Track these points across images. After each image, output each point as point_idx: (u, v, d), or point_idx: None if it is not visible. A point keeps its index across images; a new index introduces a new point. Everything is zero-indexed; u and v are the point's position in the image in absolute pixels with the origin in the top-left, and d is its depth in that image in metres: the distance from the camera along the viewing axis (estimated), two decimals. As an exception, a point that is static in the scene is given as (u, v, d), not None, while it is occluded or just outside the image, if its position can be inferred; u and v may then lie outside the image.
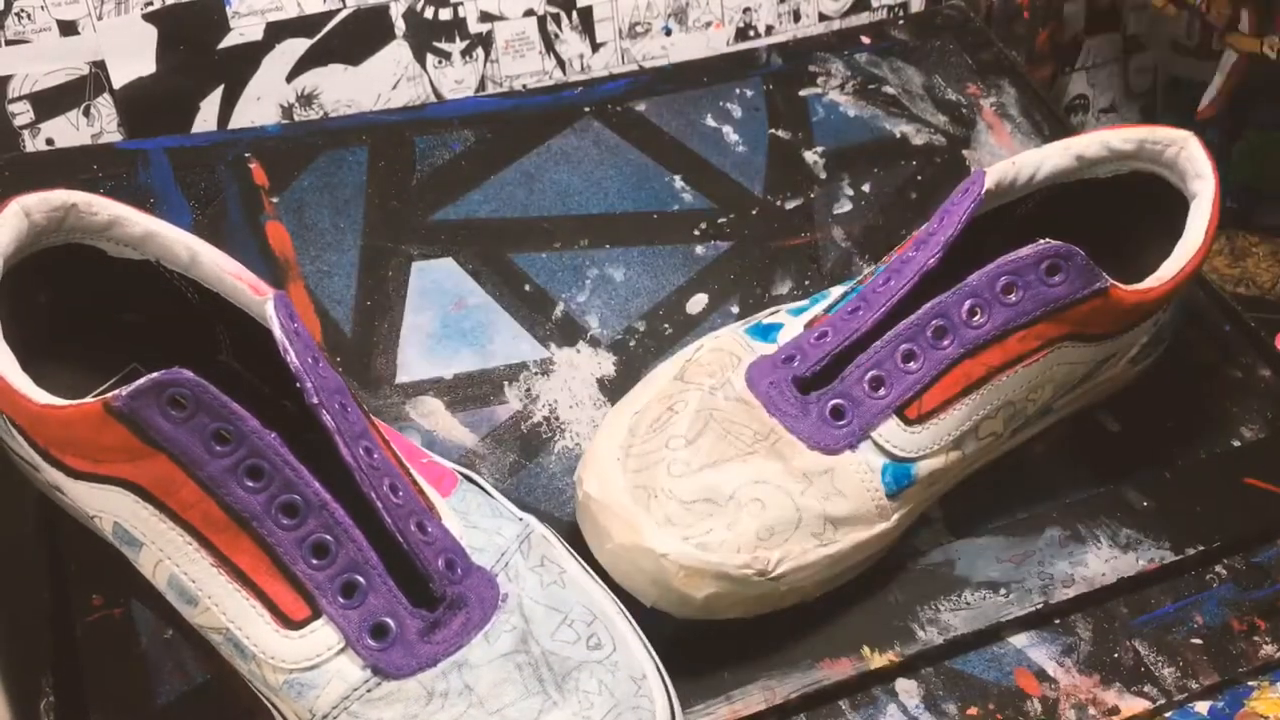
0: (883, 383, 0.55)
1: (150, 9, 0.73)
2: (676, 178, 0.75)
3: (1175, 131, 0.64)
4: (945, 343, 0.55)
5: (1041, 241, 0.56)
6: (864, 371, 0.56)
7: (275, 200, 0.69)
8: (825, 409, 0.55)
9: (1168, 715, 0.58)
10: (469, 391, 0.64)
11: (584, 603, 0.51)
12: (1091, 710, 0.57)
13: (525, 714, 0.47)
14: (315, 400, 0.48)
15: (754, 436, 0.55)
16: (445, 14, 0.80)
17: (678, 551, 0.52)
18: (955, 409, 0.56)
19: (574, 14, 0.82)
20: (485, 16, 0.81)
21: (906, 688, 0.57)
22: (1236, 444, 0.68)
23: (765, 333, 0.60)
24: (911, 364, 0.55)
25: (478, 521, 0.52)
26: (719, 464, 0.54)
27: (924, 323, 0.56)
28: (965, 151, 0.80)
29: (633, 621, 0.52)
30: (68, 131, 0.74)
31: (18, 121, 0.73)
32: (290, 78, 0.78)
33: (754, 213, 0.74)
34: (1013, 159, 0.63)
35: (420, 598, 0.48)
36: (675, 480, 0.54)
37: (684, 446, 0.55)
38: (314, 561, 0.47)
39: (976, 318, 0.56)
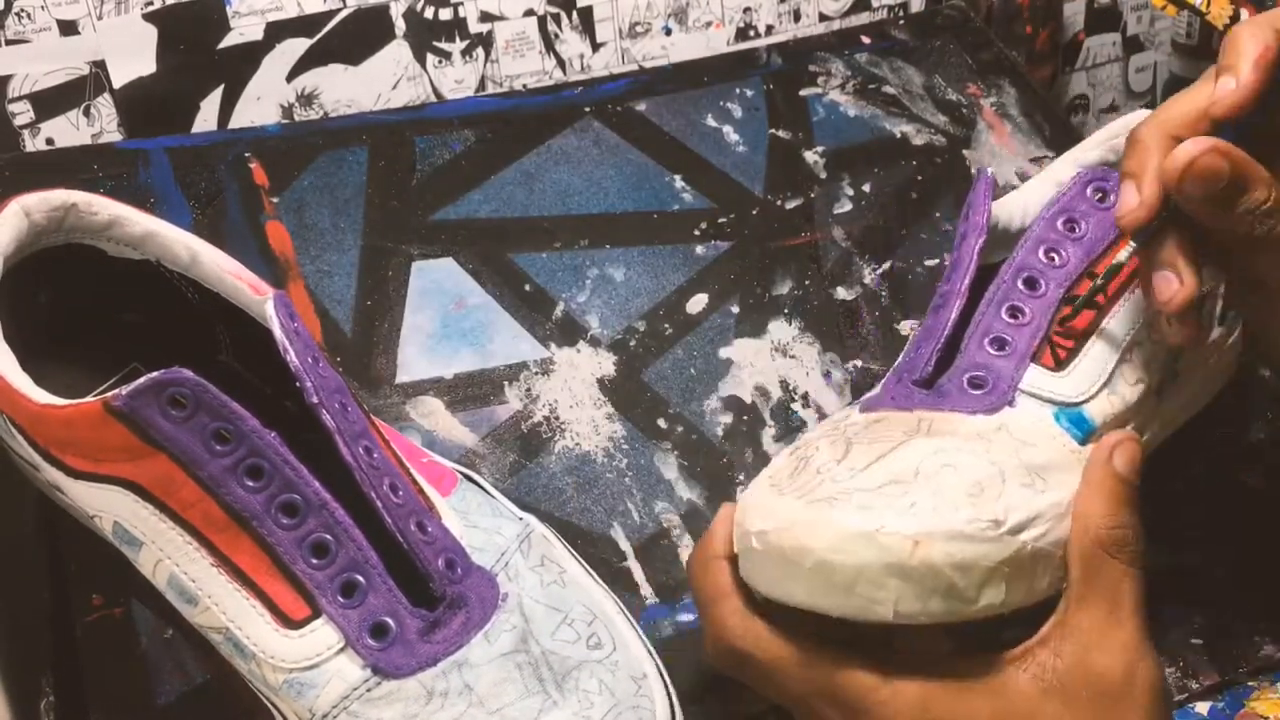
0: (1004, 343, 0.54)
1: (150, 9, 0.73)
2: (676, 178, 0.75)
3: (1119, 123, 0.64)
4: (1040, 290, 0.55)
5: (1077, 172, 0.57)
6: (981, 338, 0.54)
7: (275, 200, 0.69)
8: (963, 383, 0.53)
9: (1168, 715, 0.58)
10: (469, 391, 0.64)
11: (584, 602, 0.51)
12: (1092, 710, 0.57)
13: (525, 713, 0.47)
14: (315, 400, 0.48)
15: (904, 432, 0.50)
16: (445, 14, 0.80)
17: (895, 523, 0.45)
18: (1089, 346, 0.54)
19: (574, 14, 0.82)
20: (485, 16, 0.81)
21: (907, 687, 0.57)
22: (1237, 444, 0.68)
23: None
24: (1021, 318, 0.54)
25: (478, 521, 0.52)
26: (884, 456, 0.48)
27: (1011, 282, 0.55)
28: (965, 151, 0.80)
29: (633, 621, 0.52)
30: (68, 131, 0.74)
31: (18, 121, 0.73)
32: (290, 78, 0.78)
33: (754, 213, 0.74)
34: (996, 213, 0.61)
35: (420, 597, 0.48)
36: (851, 479, 0.48)
37: (838, 464, 0.49)
38: (314, 561, 0.47)
39: (1057, 259, 0.56)
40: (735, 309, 0.70)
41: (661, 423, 0.65)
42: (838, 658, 0.46)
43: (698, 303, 0.70)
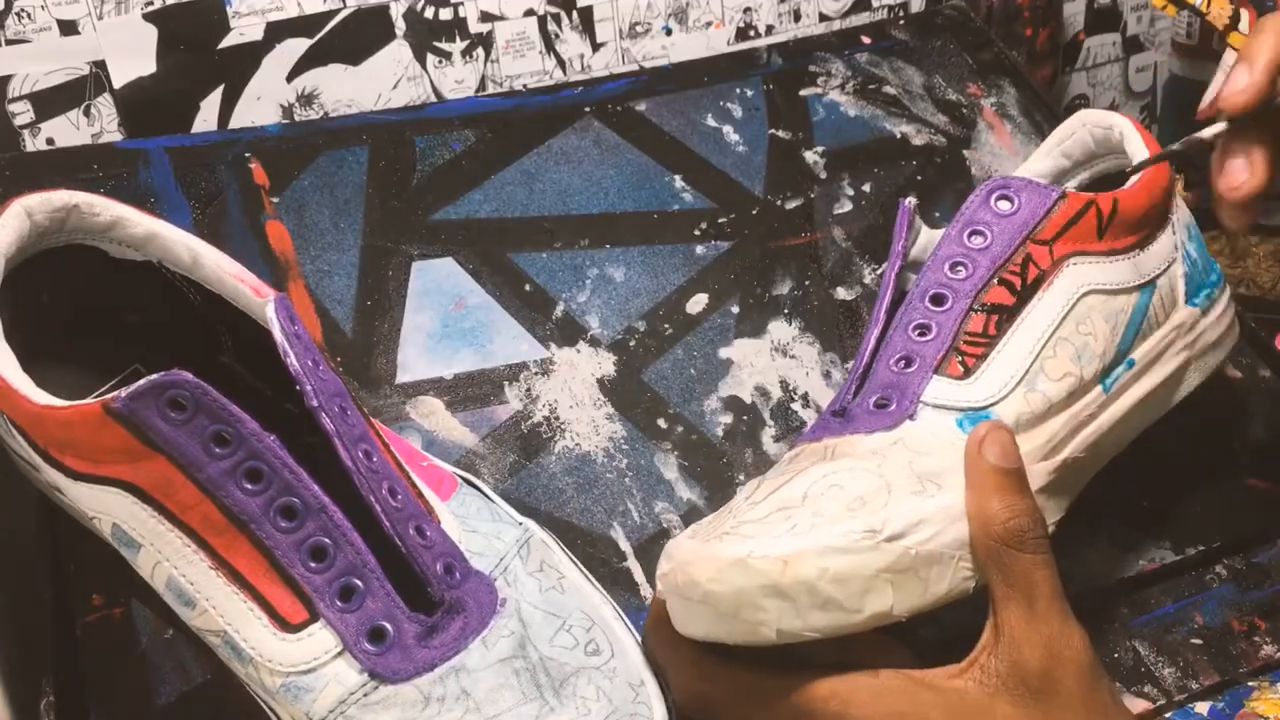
0: (910, 360, 0.54)
1: (150, 9, 0.73)
2: (676, 178, 0.75)
3: (1064, 128, 0.66)
4: (947, 304, 0.55)
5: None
6: (889, 359, 0.55)
7: (275, 200, 0.69)
8: (869, 405, 0.54)
9: (1168, 715, 0.59)
10: (469, 391, 0.65)
11: (583, 608, 0.51)
12: (1091, 711, 0.57)
13: (522, 719, 0.47)
14: (315, 403, 0.48)
15: (811, 461, 0.52)
16: (445, 14, 0.80)
17: (766, 547, 0.47)
18: (999, 353, 0.54)
19: (574, 14, 0.82)
20: (485, 16, 0.81)
21: (906, 689, 0.57)
22: (1237, 444, 0.68)
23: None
24: (928, 334, 0.55)
25: (477, 526, 0.52)
26: (780, 488, 0.51)
27: (919, 302, 0.56)
28: (965, 151, 0.80)
29: (631, 628, 0.52)
30: (68, 131, 0.74)
31: (18, 121, 0.73)
32: (290, 77, 0.78)
33: (754, 213, 0.74)
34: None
35: (418, 602, 0.49)
36: (746, 513, 0.50)
37: (745, 501, 0.52)
38: (312, 565, 0.47)
39: (964, 270, 0.56)
40: (735, 309, 0.70)
41: (661, 423, 0.65)
42: (789, 686, 0.48)
43: (698, 303, 0.70)
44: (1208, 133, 0.55)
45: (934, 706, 0.46)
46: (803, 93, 0.81)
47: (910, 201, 0.59)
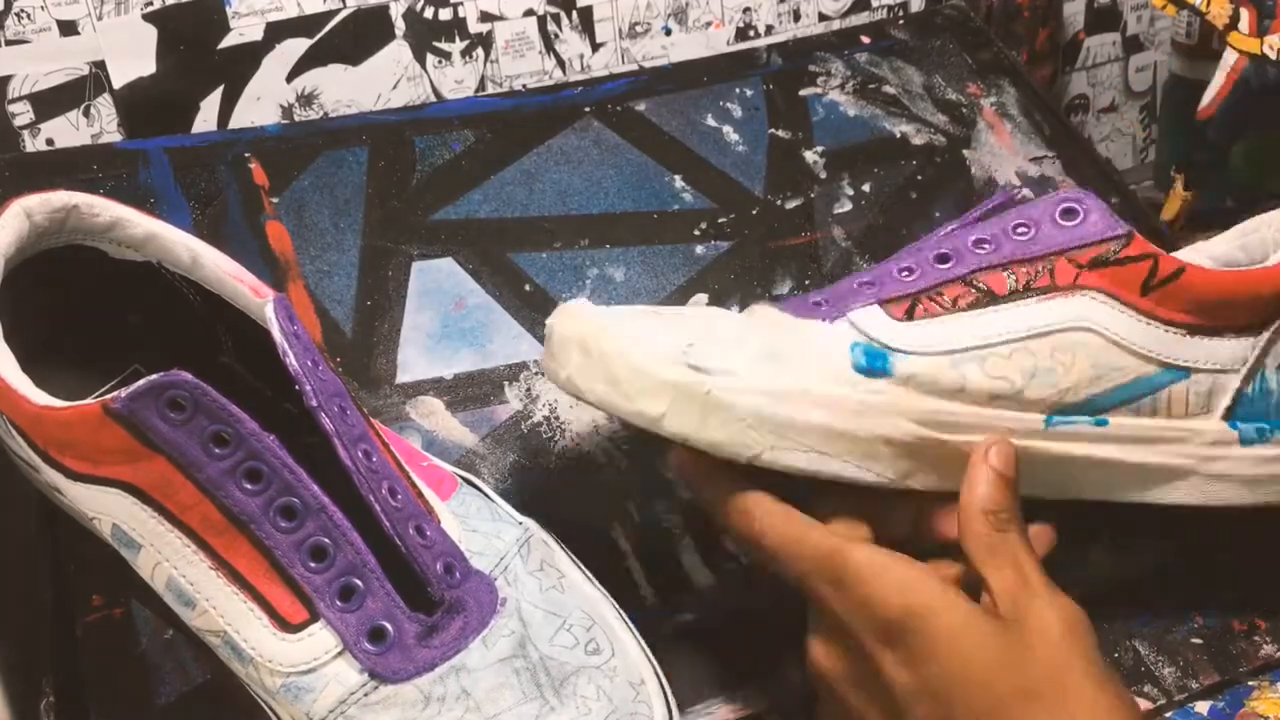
0: (873, 284, 0.54)
1: (150, 9, 0.73)
2: (676, 178, 0.75)
3: (1252, 222, 0.62)
4: (947, 265, 0.54)
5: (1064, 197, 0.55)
6: (860, 277, 0.55)
7: (275, 200, 0.69)
8: (811, 299, 0.55)
9: (1168, 715, 0.59)
10: (469, 391, 0.65)
11: (583, 608, 0.51)
12: (1091, 711, 0.57)
13: (522, 719, 0.47)
14: (314, 403, 0.48)
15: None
16: (445, 14, 0.80)
17: (604, 312, 0.53)
18: (950, 320, 0.53)
19: (574, 14, 0.82)
20: (485, 16, 0.81)
21: (906, 688, 0.57)
22: (1236, 444, 0.67)
23: None
24: (908, 276, 0.54)
25: (477, 525, 0.52)
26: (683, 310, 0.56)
27: (928, 249, 0.55)
28: (965, 151, 0.80)
29: (632, 627, 0.52)
30: (68, 131, 0.74)
31: (18, 121, 0.73)
32: (290, 78, 0.78)
33: (754, 213, 0.74)
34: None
35: (418, 602, 0.48)
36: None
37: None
38: (312, 565, 0.47)
39: (985, 249, 0.55)
40: (735, 309, 0.70)
41: (661, 423, 0.65)
42: (837, 538, 0.50)
43: (698, 303, 0.70)
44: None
45: (957, 609, 0.48)
46: (802, 93, 0.81)
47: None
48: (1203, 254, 0.62)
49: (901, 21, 0.88)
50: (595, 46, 0.84)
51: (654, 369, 0.50)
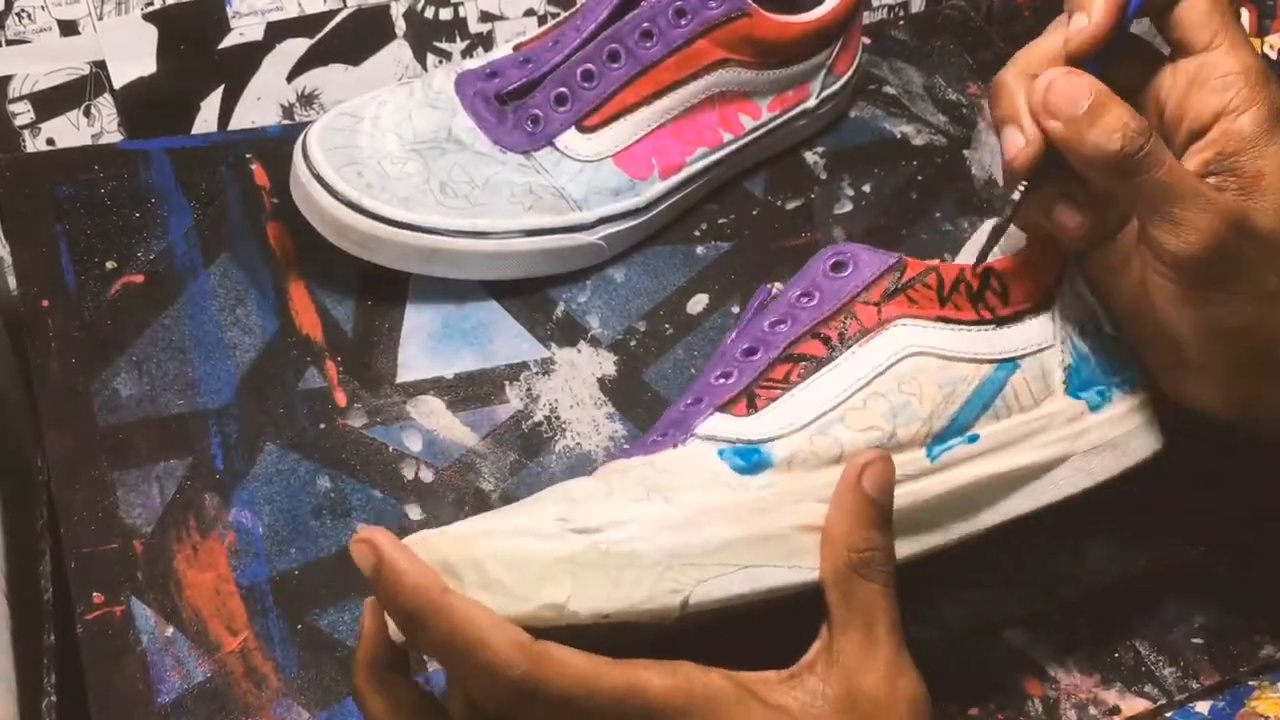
0: (700, 399, 0.53)
1: (150, 9, 0.73)
2: (677, 178, 0.75)
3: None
4: (758, 355, 0.54)
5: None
6: (686, 398, 0.54)
7: (276, 200, 0.69)
8: (650, 438, 0.53)
9: (1168, 715, 0.59)
10: (470, 391, 0.65)
11: None
12: (1092, 710, 0.57)
13: None
14: None
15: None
16: (445, 14, 0.80)
17: (456, 528, 0.47)
18: (792, 397, 0.52)
19: (574, 14, 0.82)
20: (485, 16, 0.81)
21: (907, 688, 0.57)
22: (1236, 444, 0.67)
23: None
24: (727, 380, 0.53)
25: None
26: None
27: (732, 351, 0.55)
28: (966, 151, 0.80)
29: None
30: (68, 131, 0.74)
31: (18, 121, 0.73)
32: (291, 77, 0.78)
33: (754, 213, 0.74)
34: None
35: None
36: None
37: None
38: None
39: (782, 327, 0.54)
40: (736, 309, 0.70)
41: (662, 423, 0.65)
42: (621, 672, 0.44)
43: (698, 303, 0.70)
44: (1021, 187, 0.53)
45: (760, 717, 0.45)
46: (803, 93, 0.81)
47: (774, 287, 0.57)
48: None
49: (902, 22, 0.89)
50: (596, 47, 0.83)
51: (537, 553, 0.45)
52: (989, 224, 0.57)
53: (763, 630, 0.48)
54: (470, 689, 0.43)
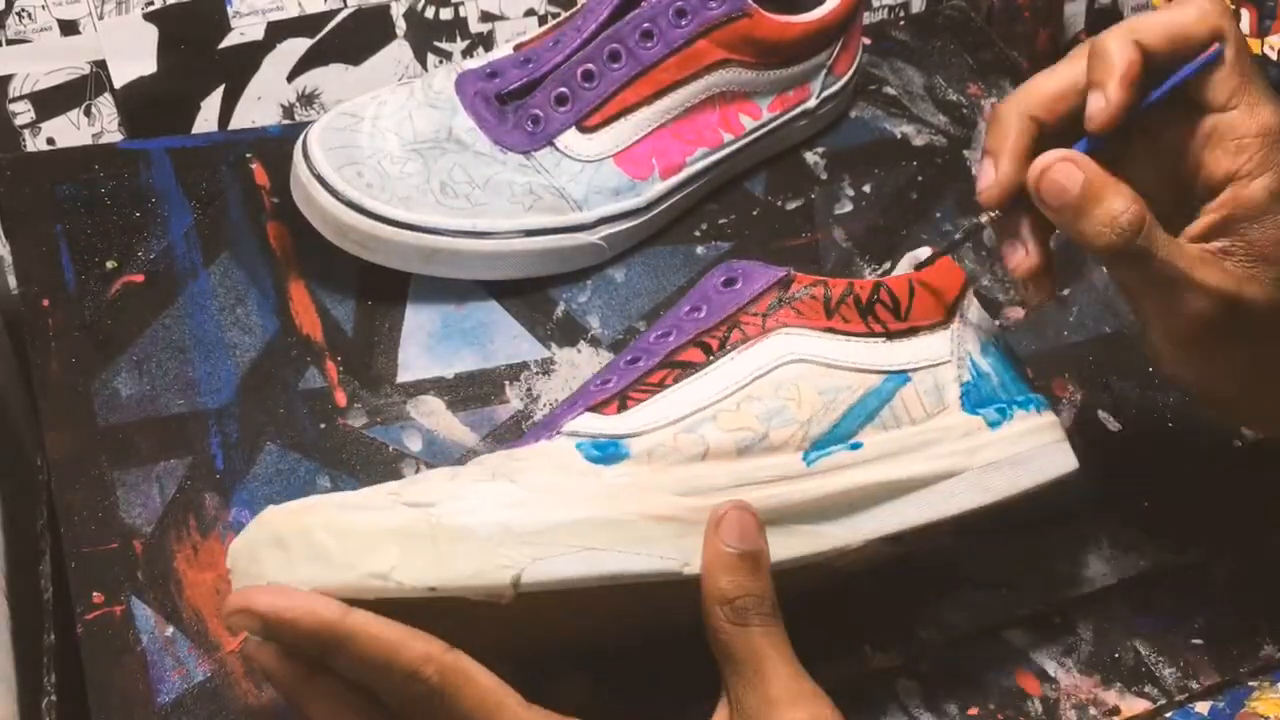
0: (576, 402, 0.53)
1: (151, 9, 0.73)
2: (677, 178, 0.75)
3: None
4: (639, 363, 0.54)
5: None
6: (564, 405, 0.54)
7: (276, 200, 0.69)
8: (528, 439, 0.53)
9: (1168, 715, 0.59)
10: (470, 391, 0.64)
11: None
12: (1092, 710, 0.57)
13: None
14: None
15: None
16: (446, 13, 0.80)
17: (287, 504, 0.46)
18: (664, 398, 0.52)
19: (575, 14, 0.82)
20: (486, 16, 0.81)
21: (907, 688, 0.57)
22: (1237, 444, 0.68)
23: None
24: (607, 384, 0.53)
25: None
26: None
27: (620, 360, 0.55)
28: (966, 152, 0.80)
29: None
30: (68, 131, 0.74)
31: (18, 121, 0.73)
32: (291, 77, 0.78)
33: (754, 213, 0.74)
34: None
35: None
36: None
37: None
38: None
39: (668, 337, 0.54)
40: (736, 309, 0.70)
41: (662, 423, 0.65)
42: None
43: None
44: (983, 218, 0.54)
45: None
46: (803, 93, 0.81)
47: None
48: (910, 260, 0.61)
49: (902, 22, 0.89)
50: (596, 47, 0.84)
51: (365, 522, 0.44)
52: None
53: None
54: (389, 699, 0.44)
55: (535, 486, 0.47)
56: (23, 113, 0.73)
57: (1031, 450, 0.55)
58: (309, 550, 0.44)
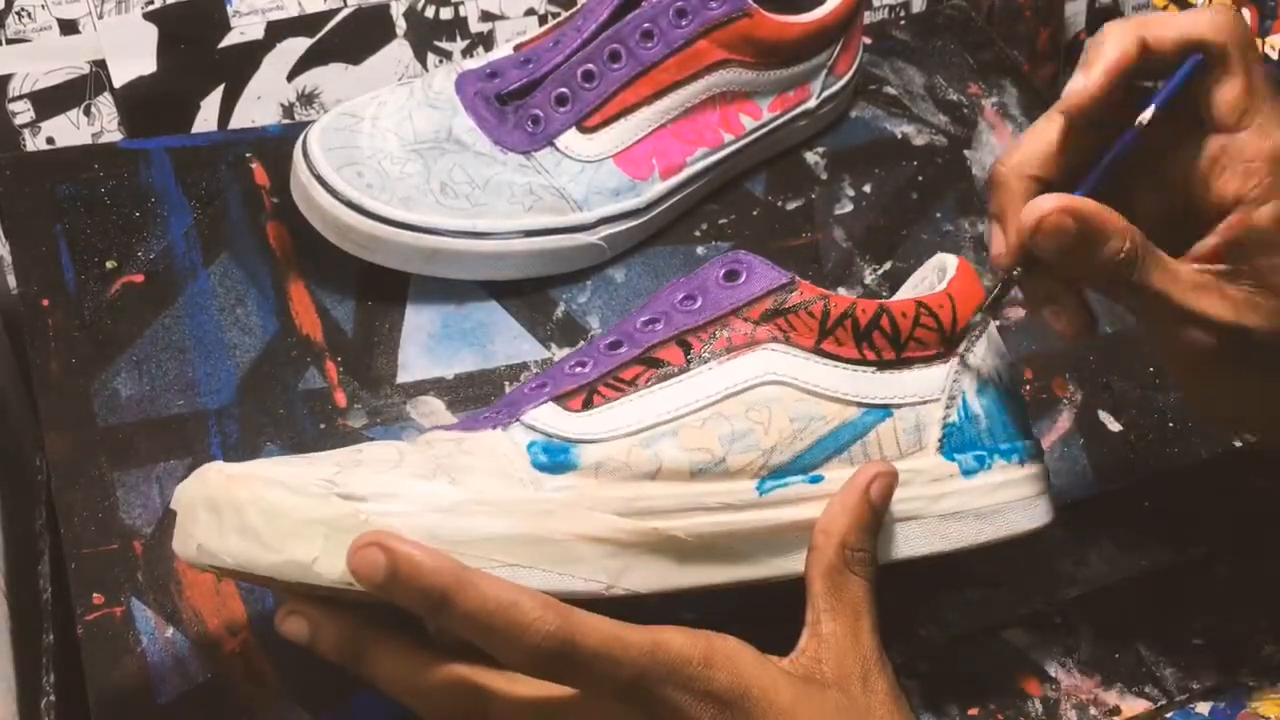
0: (545, 384, 0.52)
1: (151, 8, 0.73)
2: (677, 177, 0.75)
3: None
4: (620, 350, 0.52)
5: None
6: (531, 383, 0.53)
7: (276, 200, 0.69)
8: (483, 415, 0.53)
9: (1169, 716, 0.59)
10: (470, 391, 0.64)
11: None
12: (1093, 710, 0.57)
13: None
14: None
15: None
16: (446, 13, 0.80)
17: (230, 467, 0.46)
18: (630, 402, 0.50)
19: (575, 13, 0.82)
20: (486, 16, 0.81)
21: (907, 687, 0.57)
22: (1237, 444, 0.68)
23: None
24: (581, 369, 0.52)
25: None
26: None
27: (600, 341, 0.54)
28: (966, 152, 0.80)
29: None
30: (68, 130, 0.74)
31: (18, 120, 0.73)
32: (291, 77, 0.78)
33: (754, 213, 0.74)
34: None
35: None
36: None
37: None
38: None
39: (653, 327, 0.53)
40: (735, 309, 0.69)
41: (662, 423, 0.65)
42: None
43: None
44: (1015, 273, 0.51)
45: (785, 686, 0.46)
46: (803, 93, 0.81)
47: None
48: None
49: (903, 22, 0.89)
50: (596, 46, 0.83)
51: (295, 508, 0.44)
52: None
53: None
54: (503, 655, 0.43)
55: (472, 490, 0.46)
56: (22, 112, 0.73)
57: (1002, 504, 0.54)
58: (239, 524, 0.44)
